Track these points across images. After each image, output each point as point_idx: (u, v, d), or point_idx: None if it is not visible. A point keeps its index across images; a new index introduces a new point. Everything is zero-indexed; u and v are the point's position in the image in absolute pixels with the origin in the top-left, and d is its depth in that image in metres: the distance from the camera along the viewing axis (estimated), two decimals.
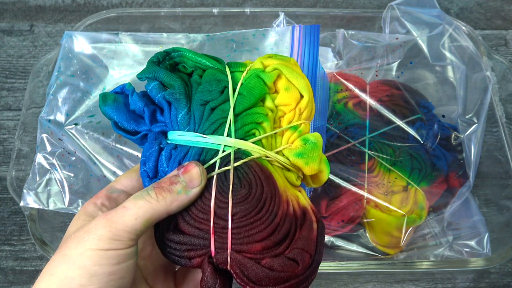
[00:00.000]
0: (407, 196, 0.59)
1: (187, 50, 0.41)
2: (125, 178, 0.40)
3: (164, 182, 0.35)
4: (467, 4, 0.82)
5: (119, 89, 0.42)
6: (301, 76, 0.39)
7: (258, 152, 0.37)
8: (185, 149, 0.37)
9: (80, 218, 0.36)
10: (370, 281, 0.61)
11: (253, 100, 0.38)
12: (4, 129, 0.70)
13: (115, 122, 0.40)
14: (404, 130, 0.63)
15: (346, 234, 0.60)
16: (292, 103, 0.38)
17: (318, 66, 0.59)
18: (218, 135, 0.37)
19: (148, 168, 0.38)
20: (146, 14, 0.71)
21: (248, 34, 0.61)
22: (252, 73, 0.39)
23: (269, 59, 0.40)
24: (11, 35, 0.78)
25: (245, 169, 0.36)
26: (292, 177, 0.38)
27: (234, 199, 0.35)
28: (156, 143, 0.38)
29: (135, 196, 0.34)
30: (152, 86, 0.39)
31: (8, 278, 0.61)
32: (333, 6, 0.82)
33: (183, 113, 0.38)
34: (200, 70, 0.40)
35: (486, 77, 0.63)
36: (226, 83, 0.39)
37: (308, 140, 0.38)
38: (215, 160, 0.36)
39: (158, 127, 0.39)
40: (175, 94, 0.38)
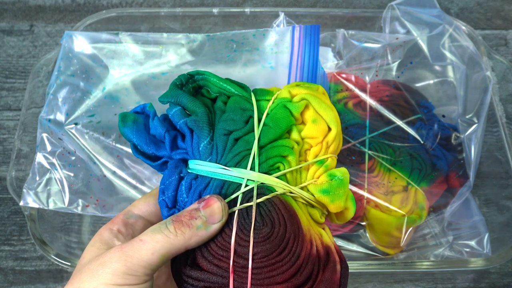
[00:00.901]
0: (407, 196, 0.59)
1: (212, 75, 0.39)
2: (143, 202, 0.38)
3: (183, 216, 0.34)
4: (467, 4, 0.82)
5: (139, 109, 0.40)
6: (330, 108, 0.37)
7: (282, 187, 0.35)
8: (206, 180, 0.36)
9: (95, 246, 0.35)
10: (370, 281, 0.61)
11: (279, 132, 0.36)
12: (4, 129, 0.70)
13: (134, 144, 0.39)
14: (404, 130, 0.63)
15: (346, 234, 0.60)
16: (319, 136, 0.37)
17: (318, 66, 0.59)
18: (241, 167, 0.36)
19: (167, 198, 0.37)
20: (146, 14, 0.71)
21: (248, 34, 0.61)
22: (278, 103, 0.38)
23: (296, 88, 0.38)
24: (11, 35, 0.78)
25: (268, 206, 0.35)
26: (316, 214, 0.37)
27: (256, 237, 0.34)
28: (176, 171, 0.37)
29: (152, 229, 0.33)
30: (174, 111, 0.37)
31: (8, 278, 0.61)
32: (333, 6, 0.82)
33: (206, 143, 0.36)
34: (224, 97, 0.39)
35: (486, 77, 0.63)
36: (251, 113, 0.37)
37: (335, 176, 0.36)
38: (237, 195, 0.35)
39: (178, 154, 0.38)
40: (198, 121, 0.37)
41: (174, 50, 0.62)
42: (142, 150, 0.39)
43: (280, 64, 0.60)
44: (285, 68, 0.59)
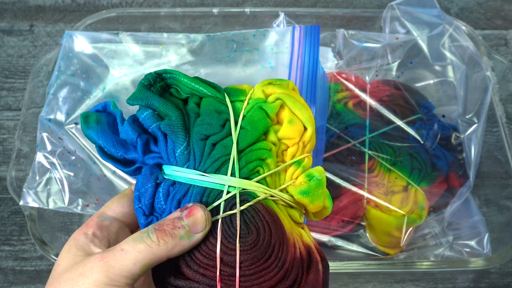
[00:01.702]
0: (407, 196, 0.59)
1: (181, 74, 0.38)
2: (116, 204, 0.37)
3: (166, 225, 0.33)
4: (467, 4, 0.82)
5: (101, 107, 0.39)
6: (305, 107, 0.37)
7: (263, 192, 0.35)
8: (185, 187, 0.35)
9: (71, 252, 0.34)
10: (370, 281, 0.61)
11: (256, 135, 0.36)
12: (4, 129, 0.70)
13: (101, 147, 0.37)
14: (404, 130, 0.63)
15: (346, 234, 0.60)
16: (296, 137, 0.37)
17: (318, 66, 0.59)
18: (221, 173, 0.35)
19: (143, 205, 0.36)
20: (146, 14, 0.71)
21: (248, 34, 0.61)
22: (254, 104, 0.37)
23: (270, 87, 0.38)
24: (11, 35, 0.78)
25: (251, 212, 0.34)
26: (295, 214, 0.36)
27: (242, 246, 0.33)
28: (152, 178, 0.36)
29: (134, 238, 0.32)
30: (145, 115, 0.36)
31: (8, 278, 0.61)
32: (333, 6, 0.82)
33: (182, 149, 0.35)
34: (196, 98, 0.38)
35: (486, 77, 0.63)
36: (227, 116, 0.37)
37: (313, 176, 0.36)
38: (219, 203, 0.34)
39: (152, 159, 0.36)
40: (172, 126, 0.35)
41: (174, 50, 0.62)
42: (109, 153, 0.37)
43: (280, 64, 0.60)
44: (285, 68, 0.59)
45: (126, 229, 0.38)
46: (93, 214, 0.37)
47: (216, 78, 0.61)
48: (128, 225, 0.38)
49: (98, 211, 0.37)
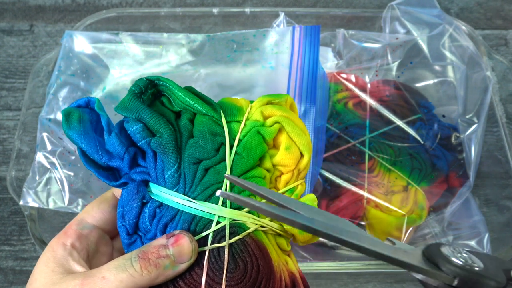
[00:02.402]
0: (407, 196, 0.59)
1: (175, 86, 0.36)
2: (96, 209, 0.36)
3: (151, 253, 0.31)
4: (467, 4, 0.82)
5: (83, 102, 0.36)
6: (303, 133, 0.35)
7: (253, 223, 0.33)
8: (172, 212, 0.34)
9: (48, 266, 0.32)
10: (370, 281, 0.61)
11: (252, 162, 0.34)
12: (4, 129, 0.70)
13: (83, 151, 0.35)
14: (404, 130, 0.63)
15: None
16: (292, 165, 0.35)
17: (318, 66, 0.59)
18: (211, 202, 0.33)
19: (127, 224, 0.34)
20: (146, 14, 0.71)
21: (248, 35, 0.61)
22: (251, 128, 0.35)
23: (269, 108, 0.36)
24: (11, 35, 0.78)
25: (240, 246, 0.33)
26: (283, 243, 0.35)
27: (228, 281, 0.32)
28: (138, 197, 0.34)
29: (116, 266, 0.31)
30: (135, 129, 0.34)
31: (8, 278, 0.61)
32: (333, 6, 0.82)
33: (172, 171, 0.34)
34: (190, 113, 0.36)
35: (486, 77, 0.63)
36: (222, 139, 0.35)
37: None
38: (208, 233, 0.33)
39: (139, 174, 0.35)
40: (163, 146, 0.33)
41: (174, 50, 0.62)
42: (92, 158, 0.35)
43: (280, 64, 0.60)
44: (285, 68, 0.59)
45: (106, 236, 0.37)
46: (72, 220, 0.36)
47: (216, 78, 0.61)
48: (108, 232, 0.37)
49: (77, 217, 0.36)
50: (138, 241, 0.35)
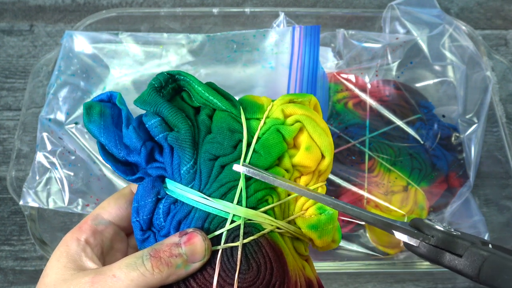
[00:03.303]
0: (407, 196, 0.59)
1: (196, 81, 0.35)
2: (113, 205, 0.35)
3: (163, 251, 0.31)
4: (467, 4, 0.82)
5: (105, 96, 0.36)
6: (325, 133, 0.34)
7: (269, 224, 0.32)
8: (187, 209, 0.33)
9: (61, 261, 0.32)
10: (370, 281, 0.61)
11: (270, 160, 0.33)
12: (4, 129, 0.70)
13: (102, 144, 0.34)
14: (404, 130, 0.63)
15: (346, 234, 0.60)
16: (312, 166, 0.34)
17: (318, 66, 0.59)
18: (227, 200, 0.32)
19: (141, 220, 0.34)
20: (146, 14, 0.71)
21: (248, 35, 0.61)
22: (271, 126, 0.34)
23: (290, 107, 0.35)
24: (11, 35, 0.78)
25: (254, 247, 0.32)
26: (301, 247, 0.34)
27: (240, 282, 0.31)
28: (153, 192, 0.34)
29: (128, 264, 0.30)
30: (153, 122, 0.33)
31: (8, 278, 0.61)
32: (333, 6, 0.82)
33: (188, 167, 0.33)
34: (209, 109, 0.35)
35: (486, 77, 0.63)
36: (240, 136, 0.34)
37: (325, 210, 0.33)
38: (221, 232, 0.32)
39: (155, 170, 0.34)
40: (180, 141, 0.33)
41: (174, 51, 0.62)
42: (110, 151, 0.34)
43: (280, 64, 0.60)
44: (285, 68, 0.59)
45: (121, 233, 0.37)
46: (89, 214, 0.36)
47: (216, 78, 0.61)
48: (123, 229, 0.37)
49: (93, 212, 0.35)
50: (151, 238, 0.34)
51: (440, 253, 0.31)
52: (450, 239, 0.31)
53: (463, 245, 0.30)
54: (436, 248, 0.31)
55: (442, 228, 0.31)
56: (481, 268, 0.29)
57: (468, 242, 0.30)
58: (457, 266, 0.30)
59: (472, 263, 0.30)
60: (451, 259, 0.30)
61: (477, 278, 0.29)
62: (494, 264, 0.29)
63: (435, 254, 0.31)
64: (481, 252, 0.30)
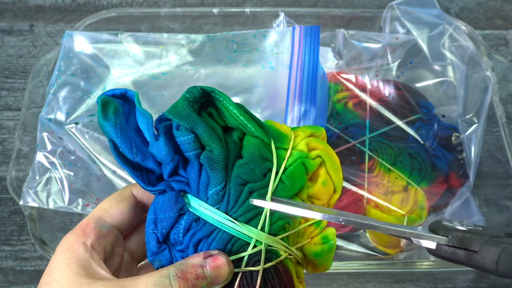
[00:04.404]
0: (407, 196, 0.59)
1: (230, 101, 0.35)
2: (115, 209, 0.35)
3: (189, 273, 0.31)
4: (467, 4, 0.82)
5: (119, 93, 0.35)
6: (339, 169, 0.36)
7: (284, 250, 0.34)
8: (210, 228, 0.33)
9: (70, 267, 0.31)
10: (370, 281, 0.61)
11: (293, 191, 0.35)
12: (4, 129, 0.70)
13: (115, 144, 0.34)
14: (404, 130, 0.63)
15: (346, 234, 0.60)
16: (325, 199, 0.36)
17: (319, 66, 0.59)
18: (251, 225, 0.33)
19: (159, 233, 0.34)
20: (146, 14, 0.71)
21: (248, 35, 0.61)
22: (297, 158, 0.35)
23: (313, 142, 0.37)
24: (11, 35, 0.78)
25: (272, 272, 0.33)
26: (300, 271, 0.36)
27: None
28: (176, 207, 0.33)
29: (154, 283, 0.30)
30: (186, 139, 0.33)
31: (8, 278, 0.61)
32: (333, 6, 0.82)
33: (218, 189, 0.33)
34: (240, 132, 0.35)
35: (486, 77, 0.63)
36: (270, 165, 0.34)
37: (328, 240, 0.35)
38: (243, 255, 0.33)
39: (178, 184, 0.34)
40: (213, 162, 0.33)
41: (174, 51, 0.62)
42: (123, 153, 0.34)
43: (280, 64, 0.60)
44: (285, 68, 0.59)
45: (120, 237, 0.36)
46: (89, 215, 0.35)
47: (216, 78, 0.61)
48: (123, 232, 0.36)
49: (95, 214, 0.35)
50: (166, 251, 0.34)
51: (457, 252, 0.31)
52: (466, 236, 0.31)
53: (479, 240, 0.30)
54: (453, 248, 0.31)
55: (460, 227, 0.32)
56: (498, 260, 0.29)
57: (485, 236, 0.30)
58: (476, 263, 0.30)
59: (489, 257, 0.29)
60: (469, 256, 0.30)
61: (496, 271, 0.29)
62: (510, 254, 0.29)
63: (454, 254, 0.31)
64: (496, 245, 0.29)
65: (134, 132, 0.35)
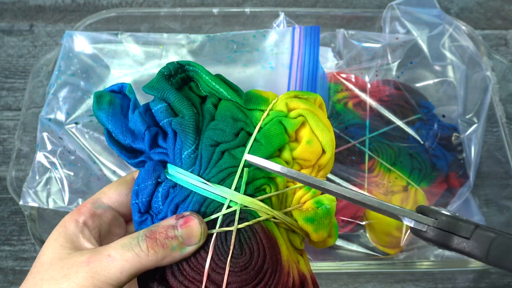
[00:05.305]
0: (407, 196, 0.59)
1: (204, 70, 0.36)
2: (114, 191, 0.36)
3: (159, 233, 0.31)
4: (467, 4, 0.82)
5: (117, 87, 0.37)
6: (327, 129, 0.35)
7: (265, 212, 0.33)
8: (185, 192, 0.33)
9: (58, 241, 0.32)
10: (370, 281, 0.61)
11: (270, 150, 0.34)
12: (4, 129, 0.70)
13: (109, 131, 0.35)
14: (404, 130, 0.63)
15: (346, 234, 0.60)
16: (312, 159, 0.34)
17: (319, 66, 0.59)
18: (225, 186, 0.33)
19: (140, 202, 0.34)
20: (146, 14, 0.71)
21: (248, 35, 0.61)
22: (273, 117, 0.35)
23: (294, 101, 0.35)
24: (11, 35, 0.78)
25: (248, 233, 0.32)
26: (296, 240, 0.35)
27: (232, 266, 0.32)
28: (153, 175, 0.34)
29: (123, 244, 0.31)
30: (158, 107, 0.34)
31: (8, 278, 0.61)
32: (333, 6, 0.82)
33: (189, 151, 0.33)
34: (215, 98, 0.36)
35: (486, 77, 0.63)
36: (242, 124, 0.34)
37: (322, 204, 0.34)
38: (217, 216, 0.33)
39: (158, 155, 0.35)
40: (184, 126, 0.34)
41: (174, 51, 0.62)
42: (116, 139, 0.35)
43: (280, 64, 0.60)
44: (285, 68, 0.59)
45: (120, 218, 0.37)
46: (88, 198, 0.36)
47: None
48: (123, 215, 0.37)
49: (94, 196, 0.36)
50: (149, 220, 0.34)
51: (448, 236, 0.31)
52: (456, 222, 0.31)
53: (470, 227, 0.30)
54: (444, 232, 0.31)
55: (448, 213, 0.32)
56: (490, 249, 0.29)
57: (472, 224, 0.30)
58: (466, 249, 0.30)
59: (480, 245, 0.30)
60: (459, 242, 0.31)
61: (486, 259, 0.29)
62: (503, 244, 0.29)
63: (443, 238, 0.31)
64: (488, 233, 0.30)
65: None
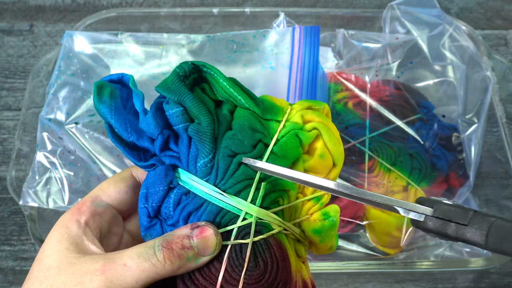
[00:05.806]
0: (407, 196, 0.59)
1: (221, 75, 0.35)
2: (113, 188, 0.35)
3: (175, 243, 0.31)
4: (467, 4, 0.82)
5: (116, 77, 0.35)
6: (339, 142, 0.35)
7: (278, 225, 0.33)
8: (199, 201, 0.33)
9: (62, 243, 0.32)
10: (370, 281, 0.61)
11: (286, 163, 0.34)
12: (4, 129, 0.70)
13: (111, 126, 0.34)
14: (404, 130, 0.63)
15: (346, 234, 0.60)
16: (323, 172, 0.35)
17: (319, 66, 0.59)
18: (241, 197, 0.33)
19: (150, 207, 0.33)
20: (146, 14, 0.71)
21: (248, 35, 0.61)
22: (290, 130, 0.35)
23: (309, 113, 0.35)
24: (11, 35, 0.78)
25: (263, 246, 0.32)
26: (301, 249, 0.35)
27: (246, 279, 0.31)
28: (165, 181, 0.33)
29: (139, 254, 0.30)
30: (174, 111, 0.33)
31: (8, 278, 0.61)
32: (333, 6, 0.82)
33: (206, 160, 0.33)
34: (231, 105, 0.35)
35: (486, 77, 0.63)
36: (261, 136, 0.34)
37: (329, 216, 0.34)
38: (232, 228, 0.32)
39: (169, 158, 0.34)
40: (201, 133, 0.33)
41: (174, 51, 0.62)
42: (119, 134, 0.34)
43: (280, 64, 0.60)
44: (285, 68, 0.59)
45: (119, 216, 0.36)
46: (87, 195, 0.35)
47: None
48: (121, 212, 0.36)
49: (92, 193, 0.35)
50: (157, 226, 0.34)
51: (446, 224, 0.31)
52: (454, 209, 0.31)
53: (468, 213, 0.30)
54: (442, 220, 0.31)
55: (447, 201, 0.32)
56: (488, 233, 0.29)
57: (471, 210, 0.30)
58: (465, 235, 0.30)
59: (479, 230, 0.29)
60: (457, 229, 0.30)
61: (486, 245, 0.29)
62: (501, 228, 0.29)
63: (442, 227, 0.31)
64: (486, 218, 0.29)
65: (133, 115, 0.35)
